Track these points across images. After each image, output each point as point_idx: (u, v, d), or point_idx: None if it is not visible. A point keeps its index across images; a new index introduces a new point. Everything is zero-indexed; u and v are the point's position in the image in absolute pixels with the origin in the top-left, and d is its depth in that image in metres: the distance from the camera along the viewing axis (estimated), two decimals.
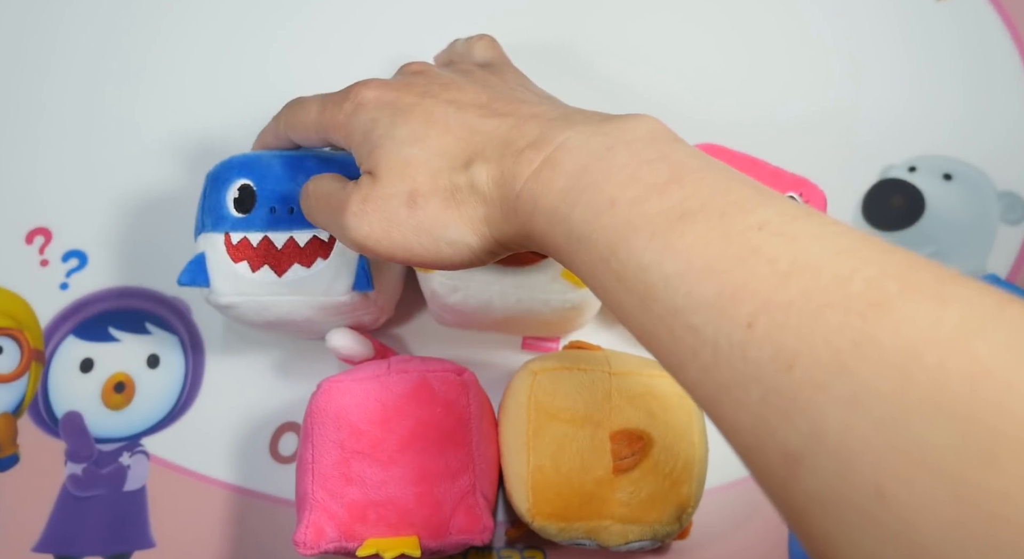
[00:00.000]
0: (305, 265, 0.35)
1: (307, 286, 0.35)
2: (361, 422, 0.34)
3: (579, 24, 0.48)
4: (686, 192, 0.22)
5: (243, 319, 0.36)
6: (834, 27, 0.48)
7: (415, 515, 0.33)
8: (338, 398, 0.34)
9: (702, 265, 0.21)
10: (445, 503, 0.33)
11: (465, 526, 0.33)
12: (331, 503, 0.33)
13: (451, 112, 0.28)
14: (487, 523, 0.33)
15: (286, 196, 0.36)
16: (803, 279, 0.19)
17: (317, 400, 0.35)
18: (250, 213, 0.35)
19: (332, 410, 0.34)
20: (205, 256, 0.36)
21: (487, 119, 0.28)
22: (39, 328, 0.42)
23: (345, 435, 0.34)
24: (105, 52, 0.48)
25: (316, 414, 0.34)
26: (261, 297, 0.35)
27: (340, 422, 0.34)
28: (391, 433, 0.33)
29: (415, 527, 0.33)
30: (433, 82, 0.30)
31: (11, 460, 0.40)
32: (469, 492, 0.33)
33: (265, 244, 0.35)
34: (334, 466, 0.33)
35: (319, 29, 0.48)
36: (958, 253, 0.43)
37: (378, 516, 0.33)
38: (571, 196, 0.24)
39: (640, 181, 0.23)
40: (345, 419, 0.34)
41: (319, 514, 0.33)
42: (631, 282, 0.22)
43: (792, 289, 0.19)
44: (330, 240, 0.35)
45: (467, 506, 0.33)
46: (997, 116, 0.46)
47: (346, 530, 0.33)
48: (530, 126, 0.27)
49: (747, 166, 0.37)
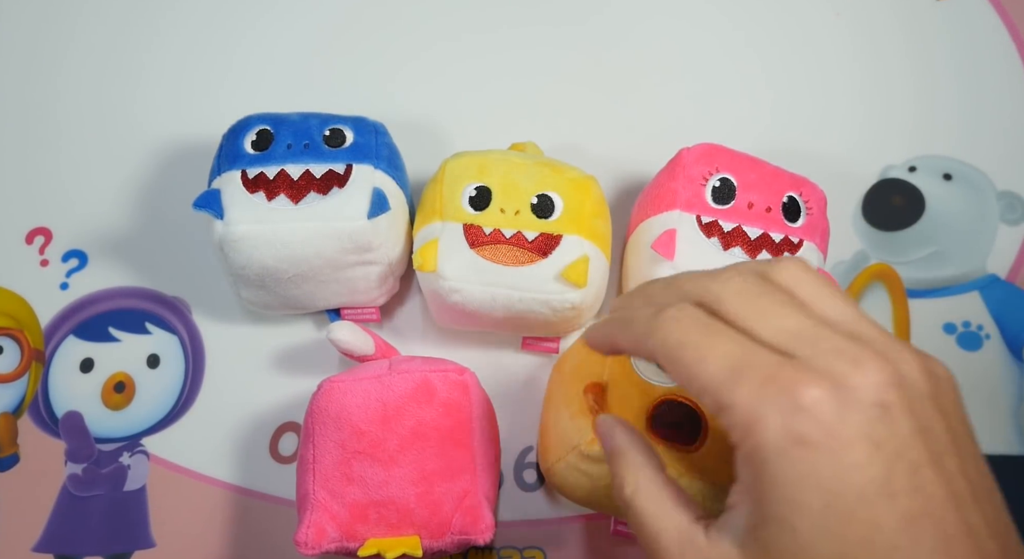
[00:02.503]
0: (321, 193, 0.36)
1: (323, 211, 0.35)
2: (362, 422, 0.34)
3: (580, 24, 0.48)
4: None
5: (254, 262, 0.36)
6: (834, 27, 0.48)
7: (416, 515, 0.33)
8: (339, 398, 0.34)
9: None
10: (446, 503, 0.33)
11: (466, 525, 0.33)
12: (332, 503, 0.33)
13: (903, 543, 0.21)
14: (488, 522, 0.33)
15: (301, 133, 0.37)
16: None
17: (318, 400, 0.35)
18: (267, 150, 0.37)
19: (333, 410, 0.34)
20: (220, 192, 0.36)
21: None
22: (39, 328, 0.42)
23: (346, 435, 0.34)
24: (105, 53, 0.48)
25: (317, 414, 0.34)
26: (277, 224, 0.35)
27: (341, 422, 0.34)
28: (392, 433, 0.34)
29: (416, 527, 0.33)
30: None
31: (11, 460, 0.40)
32: (470, 492, 0.33)
33: (282, 175, 0.36)
34: (335, 466, 0.33)
35: (319, 29, 0.48)
36: (958, 253, 0.43)
37: (379, 516, 0.33)
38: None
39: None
40: (346, 419, 0.34)
41: (320, 514, 0.33)
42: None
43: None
44: (346, 172, 0.36)
45: (468, 505, 0.33)
46: (997, 116, 0.46)
47: (347, 530, 0.33)
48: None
49: (747, 166, 0.37)
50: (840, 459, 0.21)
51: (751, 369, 0.22)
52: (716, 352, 0.23)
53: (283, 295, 0.38)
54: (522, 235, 0.36)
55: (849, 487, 0.21)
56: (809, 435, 0.21)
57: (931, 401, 0.22)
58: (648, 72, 0.47)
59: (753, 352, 0.22)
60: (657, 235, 0.36)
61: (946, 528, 0.21)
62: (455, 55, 0.48)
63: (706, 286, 0.25)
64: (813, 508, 0.21)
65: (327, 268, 0.37)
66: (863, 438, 0.21)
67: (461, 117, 0.46)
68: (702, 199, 0.36)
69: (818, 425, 0.21)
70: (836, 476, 0.21)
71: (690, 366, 0.23)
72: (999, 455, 0.39)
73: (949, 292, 0.43)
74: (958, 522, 0.21)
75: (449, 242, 0.36)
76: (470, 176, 0.37)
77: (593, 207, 0.38)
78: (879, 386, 0.21)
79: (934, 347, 0.41)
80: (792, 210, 0.37)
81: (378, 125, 0.39)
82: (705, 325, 0.24)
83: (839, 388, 0.21)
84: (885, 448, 0.21)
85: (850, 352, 0.22)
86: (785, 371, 0.22)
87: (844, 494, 0.21)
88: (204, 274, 0.43)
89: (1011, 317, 0.42)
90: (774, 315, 0.23)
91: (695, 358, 0.23)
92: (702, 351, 0.23)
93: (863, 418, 0.21)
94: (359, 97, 0.46)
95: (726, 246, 0.35)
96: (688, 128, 0.45)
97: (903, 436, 0.21)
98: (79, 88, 0.47)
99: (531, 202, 0.37)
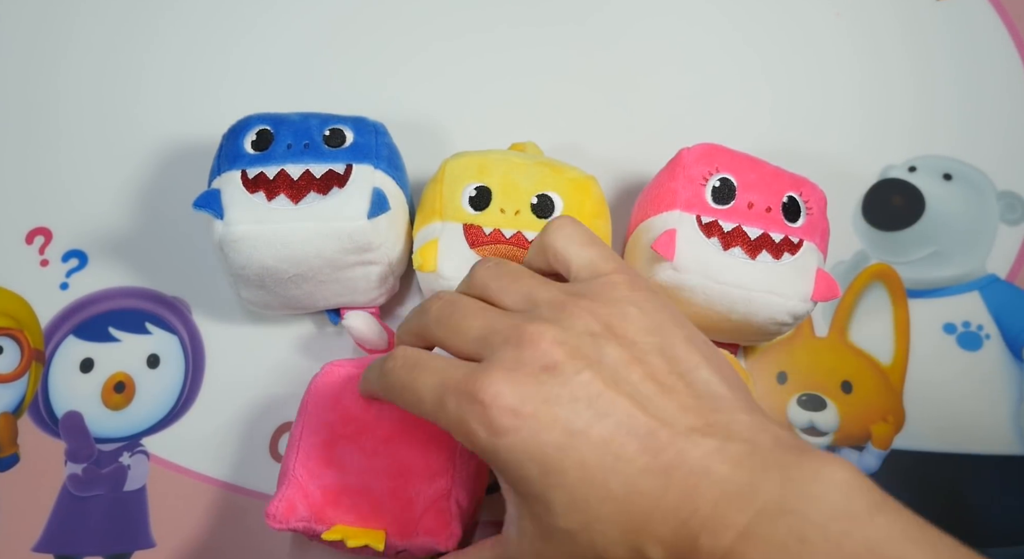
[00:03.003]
0: (321, 193, 0.36)
1: (322, 211, 0.35)
2: (355, 407, 0.34)
3: (579, 24, 0.48)
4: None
5: (254, 262, 0.35)
6: (834, 27, 0.48)
7: (386, 509, 0.33)
8: (338, 381, 0.35)
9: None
10: (417, 503, 0.33)
11: (432, 529, 0.33)
12: (309, 482, 0.33)
13: (608, 460, 0.24)
14: (454, 530, 0.33)
15: (301, 133, 0.37)
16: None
17: (318, 379, 0.35)
18: (267, 150, 0.37)
19: (330, 391, 0.34)
20: (220, 192, 0.36)
21: (646, 477, 0.24)
22: (39, 328, 0.42)
23: (336, 417, 0.34)
24: (105, 52, 0.48)
25: (314, 392, 0.35)
26: (276, 224, 0.35)
27: (335, 404, 0.34)
28: (381, 422, 0.34)
29: (384, 521, 0.33)
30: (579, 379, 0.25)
31: (11, 460, 0.40)
32: (443, 496, 0.33)
33: (282, 175, 0.36)
34: (320, 446, 0.34)
35: (319, 29, 0.48)
36: (958, 253, 0.43)
37: (351, 503, 0.33)
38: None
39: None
40: (340, 402, 0.34)
41: (295, 490, 0.33)
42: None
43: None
44: (346, 172, 0.36)
45: (438, 509, 0.33)
46: (997, 116, 0.46)
47: (318, 512, 0.33)
48: (702, 488, 0.23)
49: (747, 166, 0.37)
50: (532, 427, 0.24)
51: (447, 390, 0.26)
52: (424, 387, 0.27)
53: (283, 295, 0.38)
54: (522, 235, 0.36)
55: (547, 446, 0.24)
56: (500, 424, 0.24)
57: (604, 335, 0.26)
58: (648, 72, 0.47)
59: (448, 373, 0.26)
60: (657, 235, 0.36)
61: (638, 430, 0.24)
62: (455, 55, 0.48)
63: (418, 321, 0.30)
64: (534, 476, 0.24)
65: (327, 268, 0.37)
66: (542, 402, 0.24)
67: (461, 117, 0.46)
68: (702, 199, 0.36)
69: (503, 412, 0.24)
70: (535, 441, 0.24)
71: (412, 406, 0.28)
72: (999, 455, 0.39)
73: (949, 292, 0.43)
74: (648, 419, 0.24)
75: (449, 242, 0.36)
76: (470, 176, 0.37)
77: (593, 207, 0.38)
78: (543, 352, 0.25)
79: (934, 347, 0.41)
80: (792, 210, 0.37)
81: (378, 125, 0.39)
82: (412, 364, 0.28)
83: (510, 372, 0.25)
84: (561, 398, 0.24)
85: (516, 335, 0.26)
86: (470, 379, 0.25)
87: (546, 453, 0.24)
88: (204, 274, 0.43)
89: (1011, 317, 0.42)
90: (465, 327, 0.28)
91: (414, 400, 0.27)
92: (416, 391, 0.27)
93: (535, 386, 0.25)
94: (359, 97, 0.46)
95: (726, 246, 0.35)
96: (688, 128, 0.45)
97: (575, 381, 0.25)
98: (79, 88, 0.47)
99: (531, 202, 0.37)
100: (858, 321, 0.42)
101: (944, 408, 0.41)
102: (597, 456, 0.24)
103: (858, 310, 0.42)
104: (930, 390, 0.41)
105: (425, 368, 0.27)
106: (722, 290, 0.35)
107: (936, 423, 0.40)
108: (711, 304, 0.35)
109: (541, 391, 0.25)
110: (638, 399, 0.25)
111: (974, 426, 0.40)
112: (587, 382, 0.25)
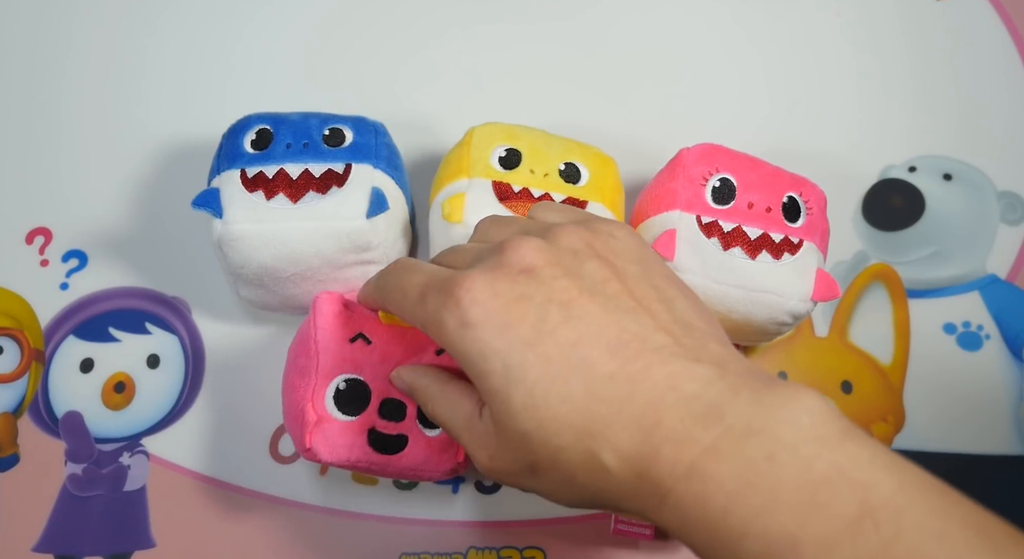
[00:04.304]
0: (320, 192, 0.36)
1: (321, 210, 0.35)
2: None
3: (575, 21, 0.48)
4: (884, 535, 0.20)
5: (253, 261, 0.36)
6: (834, 27, 0.48)
7: None
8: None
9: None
10: None
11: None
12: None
13: (573, 360, 0.24)
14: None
15: (301, 133, 0.37)
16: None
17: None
18: (266, 150, 0.37)
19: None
20: (219, 191, 0.36)
21: (610, 383, 0.24)
22: (39, 328, 0.42)
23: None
24: (105, 53, 0.48)
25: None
26: (275, 223, 0.35)
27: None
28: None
29: None
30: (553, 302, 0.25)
31: (11, 460, 0.40)
32: None
33: (281, 175, 0.36)
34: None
35: (318, 29, 0.48)
36: (958, 253, 0.43)
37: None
38: (734, 521, 0.21)
39: (822, 511, 0.20)
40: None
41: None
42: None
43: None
44: (345, 171, 0.36)
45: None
46: (997, 116, 0.46)
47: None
48: (668, 401, 0.23)
49: (747, 166, 0.37)
50: (501, 322, 0.25)
51: (430, 288, 0.27)
52: (411, 284, 0.28)
53: (282, 294, 0.38)
54: (550, 197, 0.36)
55: (514, 341, 0.25)
56: (469, 316, 0.25)
57: (587, 252, 0.27)
58: (648, 72, 0.47)
59: (435, 274, 0.27)
60: (657, 235, 0.36)
61: (609, 338, 0.24)
62: (455, 55, 0.48)
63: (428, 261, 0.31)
64: (497, 370, 0.25)
65: (326, 267, 0.37)
66: (515, 299, 0.25)
67: (462, 116, 0.46)
68: (702, 199, 0.36)
69: (475, 306, 0.25)
70: (501, 336, 0.25)
71: (398, 305, 0.29)
72: (999, 455, 0.39)
73: (949, 292, 0.43)
74: (619, 330, 0.24)
75: (478, 194, 0.36)
76: (500, 139, 0.38)
77: (615, 182, 0.39)
78: (522, 256, 0.26)
79: (934, 347, 0.41)
80: (792, 210, 0.37)
81: (378, 125, 0.39)
82: (406, 267, 0.29)
83: (489, 271, 0.26)
84: (534, 298, 0.25)
85: (502, 245, 0.27)
86: (452, 278, 0.26)
87: (512, 347, 0.25)
88: (204, 274, 0.43)
89: (1011, 317, 0.42)
90: (462, 250, 0.30)
91: (400, 298, 0.29)
92: (404, 289, 0.28)
93: (511, 285, 0.25)
94: (359, 96, 0.46)
95: (726, 246, 0.35)
96: (688, 128, 0.45)
97: (551, 285, 0.25)
98: (79, 88, 0.47)
99: (559, 168, 0.37)
100: (858, 321, 0.42)
101: (944, 408, 0.41)
102: (562, 355, 0.24)
103: (858, 310, 0.42)
104: (930, 390, 0.41)
105: (417, 270, 0.29)
106: (722, 290, 0.35)
107: (936, 423, 0.40)
108: (711, 304, 0.35)
109: (515, 289, 0.25)
110: (612, 310, 0.25)
111: (974, 426, 0.40)
112: (563, 288, 0.25)
